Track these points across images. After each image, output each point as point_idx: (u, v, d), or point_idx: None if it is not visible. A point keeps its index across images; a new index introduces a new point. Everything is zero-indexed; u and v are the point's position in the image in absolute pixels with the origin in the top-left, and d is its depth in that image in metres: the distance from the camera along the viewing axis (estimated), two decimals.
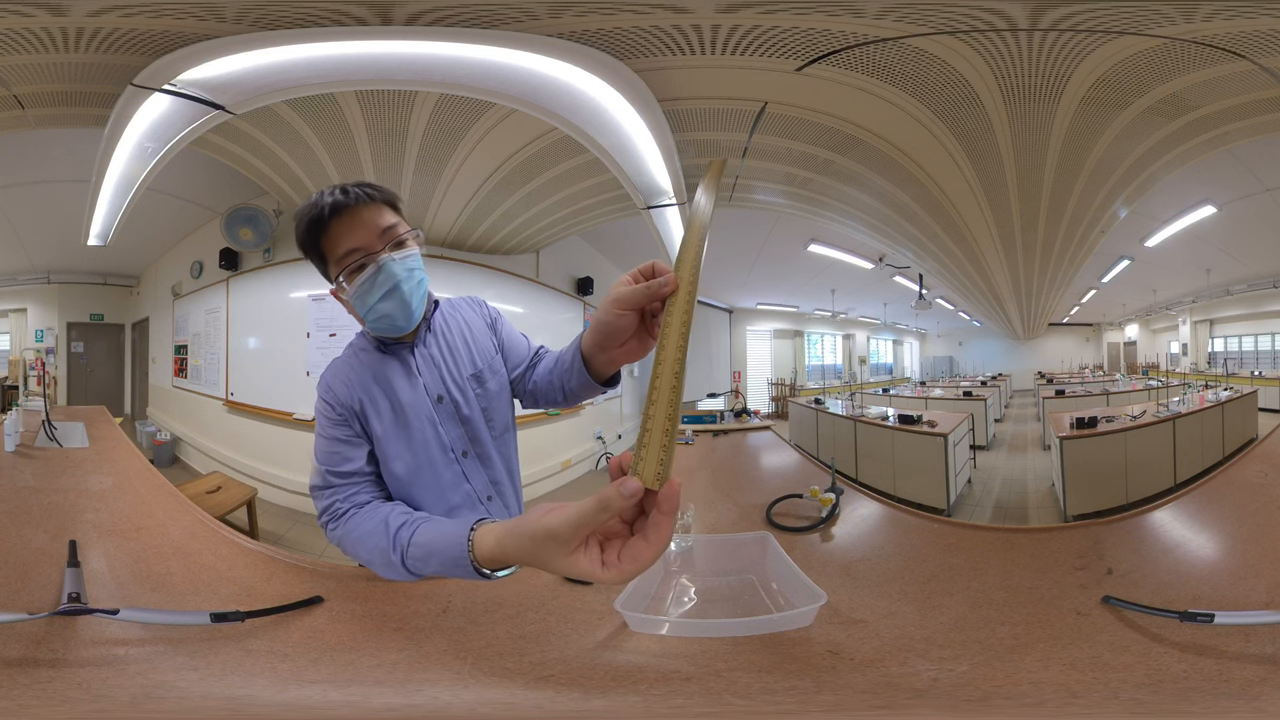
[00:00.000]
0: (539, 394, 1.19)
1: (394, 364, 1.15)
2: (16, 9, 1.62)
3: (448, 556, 0.81)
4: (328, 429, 1.12)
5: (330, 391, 1.13)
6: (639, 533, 0.56)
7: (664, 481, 0.53)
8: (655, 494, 0.54)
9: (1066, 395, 4.58)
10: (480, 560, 0.75)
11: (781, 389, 5.19)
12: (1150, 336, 4.73)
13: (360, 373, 1.14)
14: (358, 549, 1.00)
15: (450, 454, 1.15)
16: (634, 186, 2.64)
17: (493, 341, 1.24)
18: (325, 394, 1.14)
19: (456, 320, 1.23)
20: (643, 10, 1.69)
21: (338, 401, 1.11)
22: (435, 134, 2.46)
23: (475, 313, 1.26)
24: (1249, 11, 1.61)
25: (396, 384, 1.13)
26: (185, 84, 1.92)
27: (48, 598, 0.99)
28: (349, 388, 1.12)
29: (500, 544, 0.72)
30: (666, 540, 0.55)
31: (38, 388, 3.22)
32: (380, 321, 1.10)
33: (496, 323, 1.28)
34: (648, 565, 0.55)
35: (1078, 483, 3.29)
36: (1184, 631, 0.89)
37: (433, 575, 0.89)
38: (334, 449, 1.10)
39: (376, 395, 1.12)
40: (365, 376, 1.14)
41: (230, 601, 1.03)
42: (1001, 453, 4.42)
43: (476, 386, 1.19)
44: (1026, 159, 2.46)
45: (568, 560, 0.58)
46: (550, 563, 0.60)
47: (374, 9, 1.69)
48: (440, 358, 1.17)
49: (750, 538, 1.23)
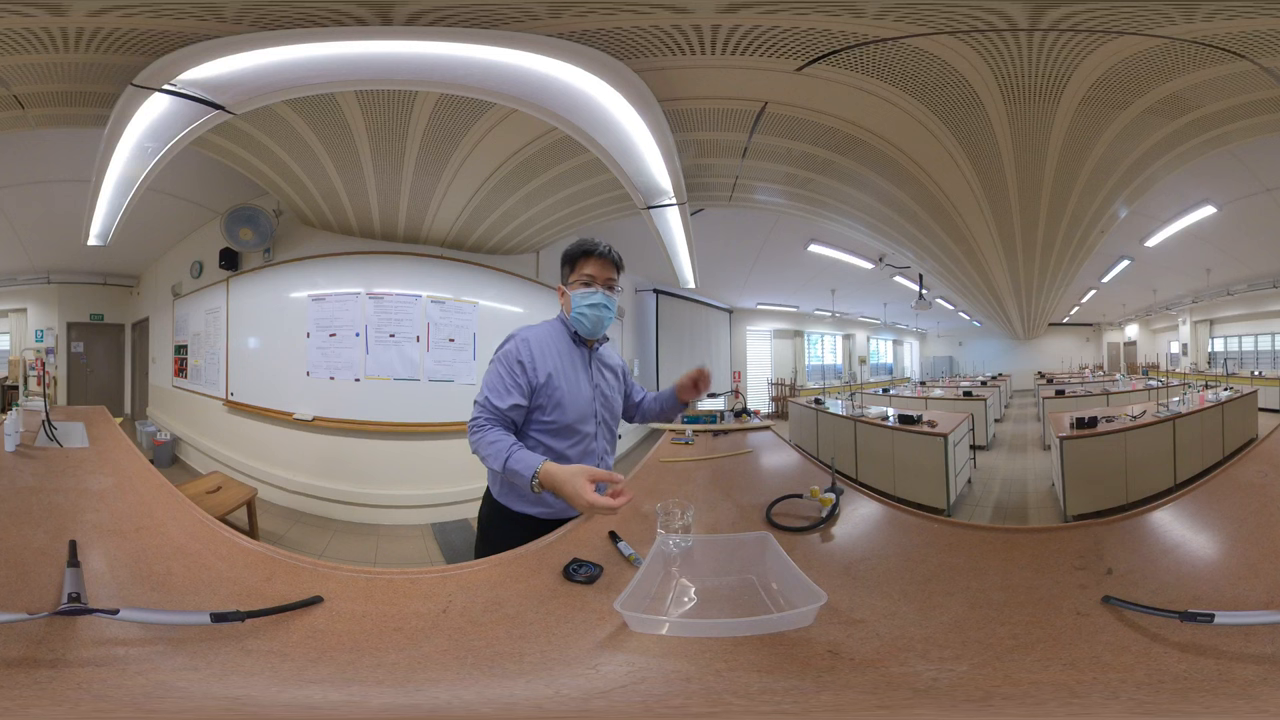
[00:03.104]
0: (645, 413, 1.99)
1: (577, 353, 1.73)
2: (16, 9, 1.62)
3: (526, 463, 1.42)
4: (505, 369, 1.60)
5: (528, 346, 1.62)
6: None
7: None
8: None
9: (1066, 395, 4.58)
10: (540, 473, 1.39)
11: (781, 389, 5.19)
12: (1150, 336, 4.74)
13: (554, 346, 1.68)
14: (484, 448, 1.51)
15: (595, 418, 1.73)
16: (634, 186, 2.63)
17: (620, 381, 1.89)
18: (522, 346, 1.62)
19: (610, 358, 1.86)
20: (643, 10, 1.69)
21: (530, 357, 1.61)
22: (435, 134, 2.46)
23: (616, 362, 1.89)
24: (1249, 11, 1.61)
25: (580, 368, 1.72)
26: (185, 84, 1.92)
27: (48, 598, 0.99)
28: (544, 356, 1.63)
29: (554, 469, 1.38)
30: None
31: (38, 388, 3.22)
32: (580, 318, 1.69)
33: (627, 374, 1.96)
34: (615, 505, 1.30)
35: (1078, 483, 3.29)
36: (1184, 631, 0.88)
37: (508, 477, 1.47)
38: (498, 386, 1.59)
39: (567, 369, 1.67)
40: (557, 350, 1.67)
41: (230, 601, 1.03)
42: (1001, 453, 4.43)
43: (613, 393, 1.83)
44: (1026, 159, 2.46)
45: (585, 484, 1.31)
46: (577, 484, 1.32)
47: (374, 9, 1.69)
48: (600, 369, 1.79)
49: (750, 538, 1.23)
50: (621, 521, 1.42)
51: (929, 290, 4.53)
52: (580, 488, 1.31)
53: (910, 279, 4.51)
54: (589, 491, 1.30)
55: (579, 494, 1.31)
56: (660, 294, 4.77)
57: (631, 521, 1.44)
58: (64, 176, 2.90)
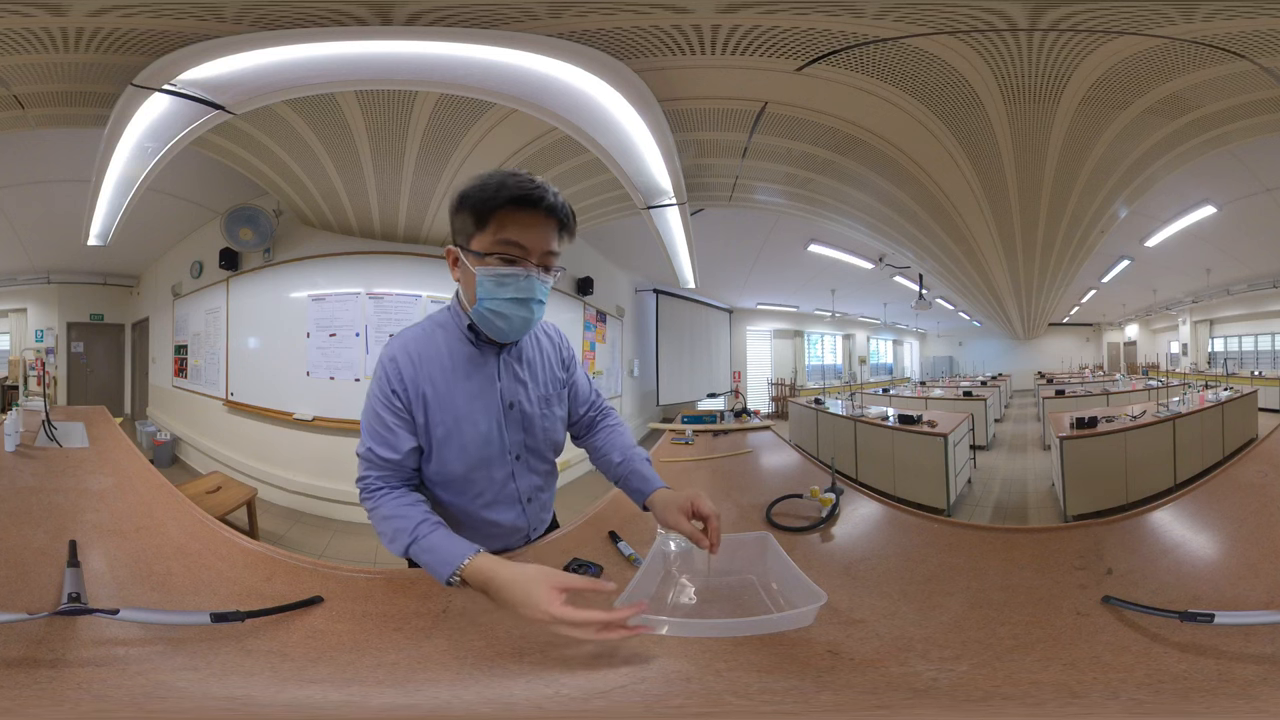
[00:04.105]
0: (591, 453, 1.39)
1: (477, 358, 1.18)
2: (16, 9, 1.62)
3: (441, 557, 1.02)
4: (380, 406, 1.14)
5: (397, 368, 1.14)
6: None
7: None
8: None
9: (1066, 395, 4.58)
10: (465, 570, 0.99)
11: (781, 389, 5.19)
12: (1150, 336, 4.73)
13: (436, 358, 1.16)
14: (379, 525, 1.12)
15: (507, 455, 1.23)
16: (634, 186, 2.63)
17: (562, 376, 1.33)
18: (391, 369, 1.14)
19: (540, 343, 1.30)
20: (643, 10, 1.69)
21: (402, 383, 1.13)
22: (435, 134, 2.46)
23: (552, 343, 1.33)
24: (1249, 11, 1.61)
25: (474, 380, 1.17)
26: (185, 84, 1.91)
27: (48, 598, 0.99)
28: (417, 370, 1.14)
29: (500, 568, 0.95)
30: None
31: (38, 388, 3.21)
32: (494, 318, 1.12)
33: (571, 364, 1.37)
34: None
35: (1078, 483, 3.29)
36: (1184, 631, 0.89)
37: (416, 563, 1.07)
38: (381, 431, 1.14)
39: (446, 390, 1.15)
40: (440, 364, 1.16)
41: (230, 601, 1.03)
42: (1001, 453, 4.42)
43: (544, 406, 1.27)
44: (1026, 159, 2.46)
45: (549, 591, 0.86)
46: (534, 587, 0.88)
47: (374, 9, 1.69)
48: (521, 369, 1.24)
49: (750, 538, 1.23)
50: (621, 521, 1.41)
51: (929, 290, 4.53)
52: (541, 596, 0.86)
53: (910, 279, 4.50)
54: (555, 603, 0.85)
55: (536, 605, 0.86)
56: (660, 294, 4.77)
57: (631, 521, 1.44)
58: (64, 176, 2.90)
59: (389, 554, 1.13)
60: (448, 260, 1.15)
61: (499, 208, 1.05)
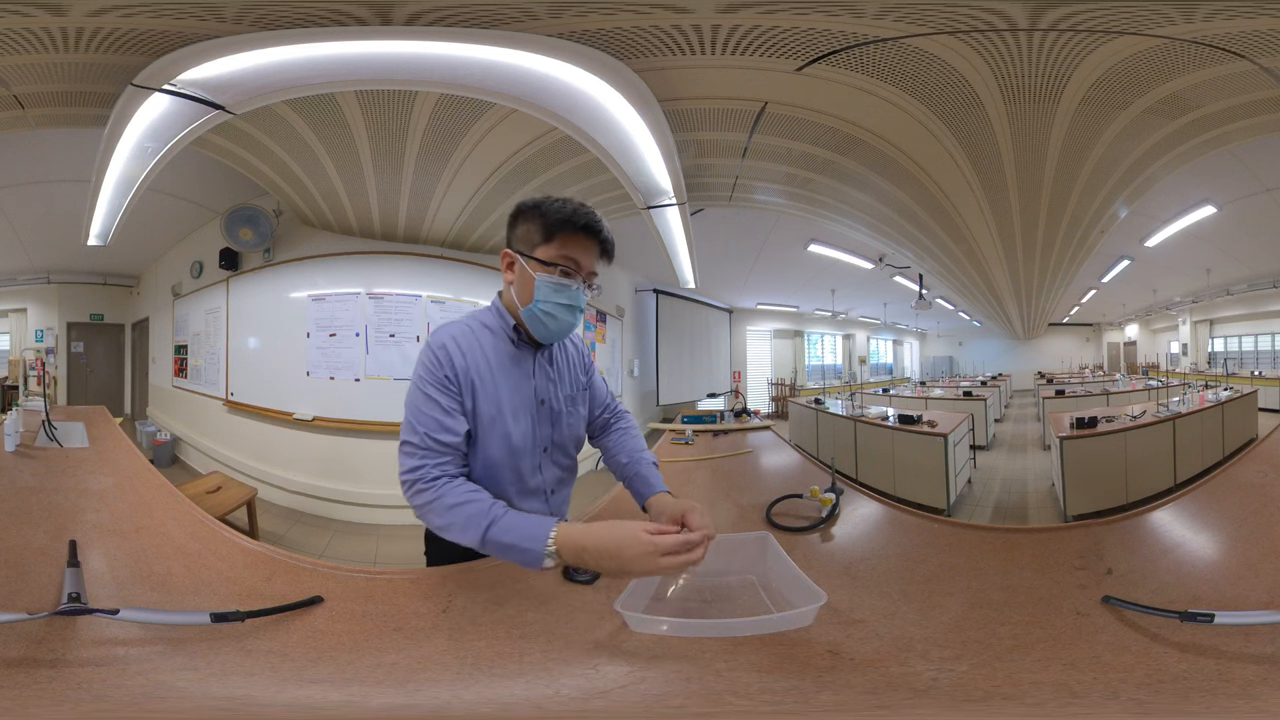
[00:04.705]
0: (603, 453, 1.48)
1: (516, 356, 1.28)
2: (16, 9, 1.62)
3: (527, 532, 1.02)
4: (434, 390, 1.19)
5: (448, 354, 1.21)
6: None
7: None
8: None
9: (1066, 395, 4.58)
10: (558, 536, 0.99)
11: (781, 389, 5.19)
12: (1150, 336, 4.74)
13: (481, 352, 1.24)
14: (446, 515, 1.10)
15: (537, 448, 1.31)
16: (634, 186, 2.63)
17: (583, 379, 1.45)
18: (443, 355, 1.20)
19: (566, 349, 1.42)
20: (643, 10, 1.69)
21: (453, 368, 1.20)
22: (435, 134, 2.46)
23: (576, 350, 1.46)
24: (1249, 11, 1.61)
25: (512, 376, 1.27)
26: (185, 84, 1.91)
27: (48, 598, 0.99)
28: (466, 360, 1.22)
29: (585, 530, 0.99)
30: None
31: (38, 388, 3.21)
32: (545, 319, 1.23)
33: (590, 369, 1.49)
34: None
35: (1078, 483, 3.29)
36: (1184, 631, 0.89)
37: (492, 552, 1.06)
38: (437, 415, 1.18)
39: (490, 381, 1.24)
40: (485, 358, 1.24)
41: (230, 601, 1.03)
42: (1001, 453, 4.43)
43: (570, 405, 1.38)
44: (1026, 159, 2.46)
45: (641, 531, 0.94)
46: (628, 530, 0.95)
47: (374, 9, 1.69)
48: (552, 370, 1.35)
49: (750, 538, 1.23)
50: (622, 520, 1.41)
51: (929, 290, 4.53)
52: (639, 536, 0.94)
53: (910, 279, 4.51)
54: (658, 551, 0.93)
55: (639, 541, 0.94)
56: (660, 294, 4.77)
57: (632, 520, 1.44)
58: (64, 176, 2.90)
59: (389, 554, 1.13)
60: (502, 262, 1.27)
61: (561, 228, 1.20)
